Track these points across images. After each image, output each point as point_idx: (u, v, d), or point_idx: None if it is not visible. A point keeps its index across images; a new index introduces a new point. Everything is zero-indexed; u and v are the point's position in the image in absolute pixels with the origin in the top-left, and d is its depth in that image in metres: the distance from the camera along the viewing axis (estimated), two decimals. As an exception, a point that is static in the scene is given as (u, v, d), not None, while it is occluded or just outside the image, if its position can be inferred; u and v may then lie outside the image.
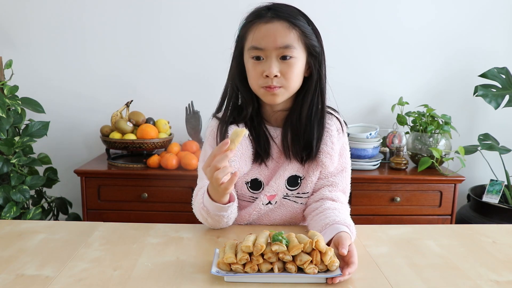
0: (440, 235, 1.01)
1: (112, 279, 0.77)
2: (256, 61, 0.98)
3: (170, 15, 2.12)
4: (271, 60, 0.96)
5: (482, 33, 2.19)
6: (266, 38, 0.95)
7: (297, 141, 1.04)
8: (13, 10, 2.09)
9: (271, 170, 1.07)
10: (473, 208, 2.04)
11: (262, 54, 0.97)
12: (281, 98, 1.00)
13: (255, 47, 0.96)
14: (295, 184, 1.07)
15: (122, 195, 1.85)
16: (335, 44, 2.16)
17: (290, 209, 1.10)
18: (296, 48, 0.97)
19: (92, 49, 2.14)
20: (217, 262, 0.79)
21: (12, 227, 1.02)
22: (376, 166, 1.97)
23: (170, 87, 2.19)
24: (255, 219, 1.11)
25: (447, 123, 1.97)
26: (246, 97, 1.05)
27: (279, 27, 0.95)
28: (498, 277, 0.81)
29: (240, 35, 1.02)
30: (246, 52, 1.00)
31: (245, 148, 1.04)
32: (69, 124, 2.20)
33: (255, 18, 0.98)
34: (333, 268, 0.76)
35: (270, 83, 0.97)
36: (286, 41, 0.95)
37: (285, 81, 0.98)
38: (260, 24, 0.96)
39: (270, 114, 1.08)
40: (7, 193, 1.74)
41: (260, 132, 1.06)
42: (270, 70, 0.96)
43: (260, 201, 1.07)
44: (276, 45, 0.95)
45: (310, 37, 0.99)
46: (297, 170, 1.07)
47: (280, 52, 0.96)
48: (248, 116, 1.05)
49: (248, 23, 0.99)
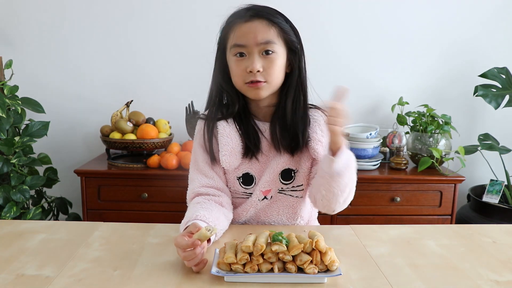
0: (440, 235, 1.01)
1: (112, 279, 0.77)
2: (239, 58, 1.01)
3: (170, 15, 2.12)
4: (253, 56, 1.00)
5: (482, 33, 2.19)
6: (247, 35, 0.99)
7: (286, 134, 1.07)
8: (13, 10, 2.09)
9: (262, 164, 1.09)
10: (473, 208, 2.04)
11: (245, 50, 1.00)
12: (265, 92, 1.03)
13: (237, 45, 1.00)
14: (289, 178, 1.09)
15: (122, 195, 1.85)
16: (335, 44, 2.16)
17: (287, 204, 1.11)
18: (277, 44, 1.01)
19: (92, 49, 2.14)
20: (217, 262, 0.79)
21: (12, 227, 1.02)
22: (376, 166, 1.97)
23: (170, 87, 2.19)
24: (252, 216, 1.11)
25: (447, 123, 1.97)
26: (231, 95, 1.08)
27: (258, 24, 1.00)
28: (498, 277, 0.81)
29: (221, 36, 1.06)
30: (229, 51, 1.03)
31: (235, 143, 1.06)
32: (69, 124, 2.20)
33: (235, 18, 1.02)
34: (333, 268, 0.76)
35: (253, 78, 1.00)
36: (266, 37, 0.99)
37: (267, 75, 1.01)
38: (241, 23, 1.00)
39: (257, 110, 1.11)
40: (7, 193, 1.74)
41: (249, 127, 1.08)
42: (253, 66, 0.99)
43: (255, 196, 1.08)
44: (257, 41, 0.99)
45: (289, 33, 1.03)
46: (289, 163, 1.08)
47: (261, 48, 1.00)
48: (235, 113, 1.08)
49: (228, 24, 1.04)
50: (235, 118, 1.08)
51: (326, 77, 2.21)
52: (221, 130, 1.06)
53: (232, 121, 1.08)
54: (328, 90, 1.11)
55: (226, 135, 1.06)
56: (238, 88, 1.06)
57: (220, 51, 1.07)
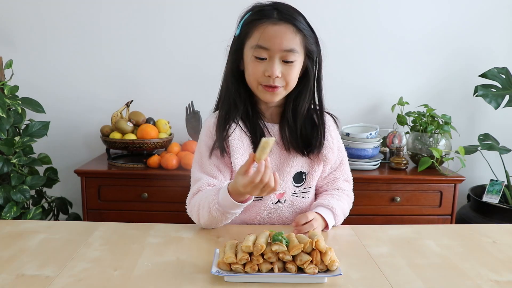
0: (440, 235, 1.01)
1: (112, 279, 0.77)
2: (258, 59, 0.99)
3: (170, 16, 2.12)
4: (274, 61, 0.98)
5: (482, 33, 2.19)
6: (273, 40, 0.97)
7: (296, 137, 1.07)
8: (13, 10, 2.09)
9: (275, 167, 1.08)
10: (473, 208, 2.04)
11: (266, 54, 0.98)
12: (279, 97, 1.04)
13: (261, 46, 0.98)
14: (301, 180, 1.10)
15: (122, 195, 1.85)
16: (335, 44, 2.16)
17: (300, 206, 1.12)
18: (298, 52, 1.00)
19: (92, 49, 2.14)
20: (217, 262, 0.79)
21: (12, 227, 1.02)
22: (376, 166, 1.97)
23: (170, 87, 2.19)
24: (265, 220, 1.11)
25: (447, 123, 1.97)
26: (241, 93, 1.06)
27: (286, 30, 0.98)
28: (498, 277, 0.81)
29: (242, 31, 1.01)
30: (249, 50, 1.00)
31: (246, 146, 1.05)
32: (69, 124, 2.20)
33: (261, 17, 0.98)
34: (333, 268, 0.76)
35: (272, 83, 0.99)
36: (291, 44, 0.98)
37: (285, 82, 1.01)
38: (268, 25, 0.97)
39: (264, 110, 1.10)
40: (7, 193, 1.74)
41: (257, 127, 1.07)
42: (273, 71, 0.98)
43: (269, 200, 1.09)
44: (281, 47, 0.97)
45: (311, 41, 1.02)
46: (302, 166, 1.09)
47: (284, 54, 0.98)
48: (242, 112, 1.06)
49: (253, 21, 0.99)
50: (242, 118, 1.07)
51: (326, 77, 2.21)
52: (232, 133, 1.04)
53: (241, 121, 1.06)
54: (328, 90, 1.12)
55: (237, 138, 1.05)
56: (251, 87, 1.04)
57: (236, 45, 1.03)
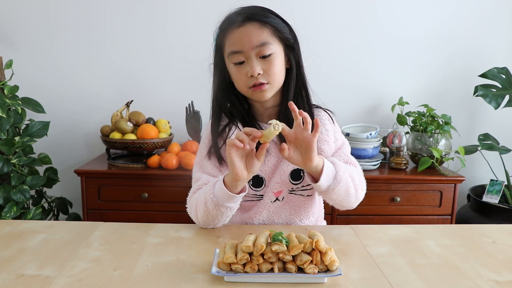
0: (440, 235, 1.01)
1: (112, 279, 0.77)
2: (238, 65, 1.02)
3: (170, 16, 2.12)
4: (251, 60, 1.00)
5: (482, 33, 2.19)
6: (241, 41, 1.00)
7: None
8: (13, 10, 2.09)
9: (272, 166, 1.09)
10: (473, 208, 2.04)
11: (242, 56, 1.01)
12: (269, 93, 1.04)
13: (234, 51, 1.01)
14: (299, 178, 1.10)
15: (122, 195, 1.85)
16: (335, 44, 2.16)
17: (299, 203, 1.12)
18: (272, 44, 1.01)
19: (92, 49, 2.14)
20: (217, 262, 0.79)
21: (12, 227, 1.02)
22: (376, 166, 1.97)
23: (170, 87, 2.19)
24: (265, 219, 1.12)
25: (447, 123, 1.97)
26: (234, 101, 1.09)
27: (251, 28, 1.00)
28: (498, 277, 0.81)
29: (217, 44, 1.06)
30: (227, 59, 1.04)
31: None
32: (69, 124, 2.20)
33: (228, 25, 1.02)
34: (333, 268, 0.76)
35: (256, 81, 1.01)
36: (261, 39, 1.00)
37: (269, 76, 1.02)
38: (233, 29, 1.01)
39: (262, 112, 1.11)
40: (7, 193, 1.74)
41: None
42: (253, 70, 1.00)
43: (267, 198, 1.09)
44: (252, 45, 0.99)
45: (282, 30, 1.03)
46: None
47: (258, 51, 1.00)
48: (238, 117, 1.09)
49: (222, 31, 1.04)
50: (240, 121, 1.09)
51: (326, 78, 2.22)
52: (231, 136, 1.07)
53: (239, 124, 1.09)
54: (328, 90, 1.12)
55: None
56: (243, 93, 1.07)
57: (217, 59, 1.08)
